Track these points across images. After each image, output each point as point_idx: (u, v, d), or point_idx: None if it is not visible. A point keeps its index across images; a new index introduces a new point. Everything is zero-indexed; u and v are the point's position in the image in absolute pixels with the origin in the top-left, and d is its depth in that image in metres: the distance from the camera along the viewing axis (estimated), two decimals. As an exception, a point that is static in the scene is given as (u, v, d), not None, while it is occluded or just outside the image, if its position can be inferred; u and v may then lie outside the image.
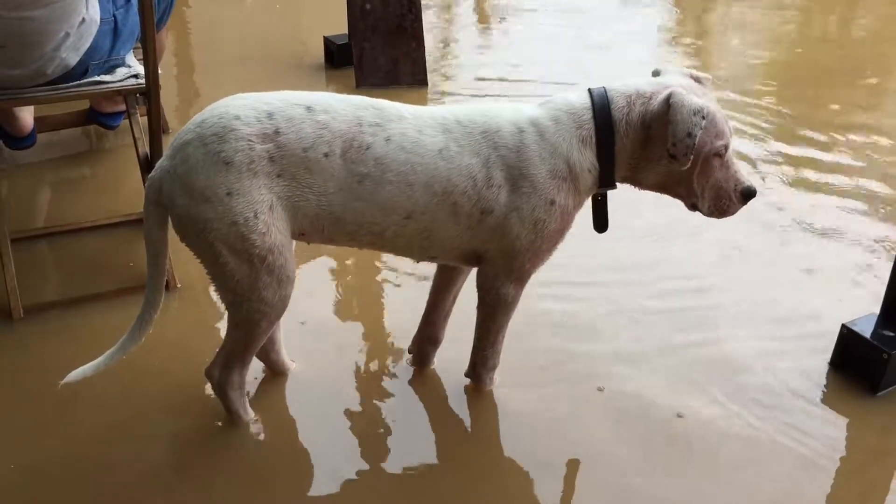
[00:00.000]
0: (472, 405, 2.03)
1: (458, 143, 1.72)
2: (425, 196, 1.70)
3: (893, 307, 2.11)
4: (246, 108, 1.64)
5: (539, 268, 1.86)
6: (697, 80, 1.80)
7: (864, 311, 2.18)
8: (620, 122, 1.74)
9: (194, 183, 1.60)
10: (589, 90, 1.78)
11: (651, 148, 1.74)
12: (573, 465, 1.87)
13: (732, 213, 1.81)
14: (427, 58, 3.92)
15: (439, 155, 1.70)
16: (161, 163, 1.67)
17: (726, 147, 1.74)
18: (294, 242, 1.76)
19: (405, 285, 2.46)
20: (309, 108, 1.65)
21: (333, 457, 1.87)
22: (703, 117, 1.66)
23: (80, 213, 2.74)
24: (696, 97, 1.69)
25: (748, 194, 1.78)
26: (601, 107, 1.74)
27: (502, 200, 1.73)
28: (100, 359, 1.79)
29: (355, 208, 1.69)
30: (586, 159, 1.75)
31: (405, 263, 2.44)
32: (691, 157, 1.67)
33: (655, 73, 1.85)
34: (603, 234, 1.89)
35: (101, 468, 1.83)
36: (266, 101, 1.66)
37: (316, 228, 1.71)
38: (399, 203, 1.69)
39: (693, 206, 1.82)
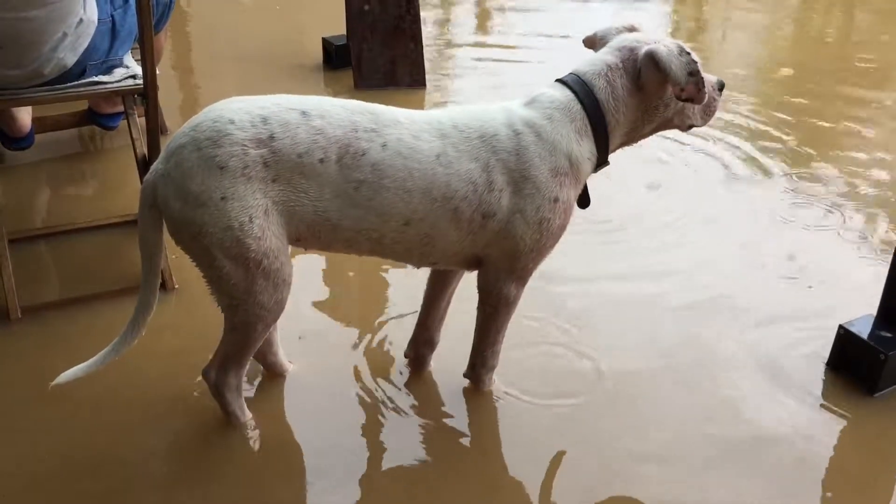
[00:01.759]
0: (471, 406, 2.02)
1: (455, 148, 1.71)
2: (424, 202, 1.69)
3: (891, 308, 2.11)
4: (241, 112, 1.63)
5: (540, 265, 1.86)
6: (634, 29, 1.86)
7: (861, 311, 2.18)
8: (608, 102, 1.77)
9: (189, 187, 1.60)
10: (562, 82, 1.80)
11: (650, 107, 1.80)
12: (574, 467, 1.87)
13: (717, 107, 1.91)
14: (425, 58, 3.92)
15: (437, 161, 1.69)
16: (156, 166, 1.66)
17: (700, 64, 1.77)
18: (289, 247, 1.75)
19: (402, 288, 2.45)
20: (304, 113, 1.64)
21: (330, 459, 1.87)
22: (688, 52, 1.71)
23: (78, 213, 2.74)
24: (666, 42, 1.74)
25: (723, 86, 1.90)
26: (586, 94, 1.76)
27: (505, 204, 1.73)
28: (92, 360, 1.78)
29: (352, 215, 1.68)
30: (585, 149, 1.77)
31: (402, 266, 2.44)
32: (704, 88, 1.71)
33: (590, 41, 1.90)
34: (585, 209, 1.90)
35: (98, 469, 1.83)
36: (261, 106, 1.65)
37: (313, 234, 1.71)
38: (397, 209, 1.69)
39: (690, 127, 1.89)
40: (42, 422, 1.96)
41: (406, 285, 2.45)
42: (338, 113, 1.67)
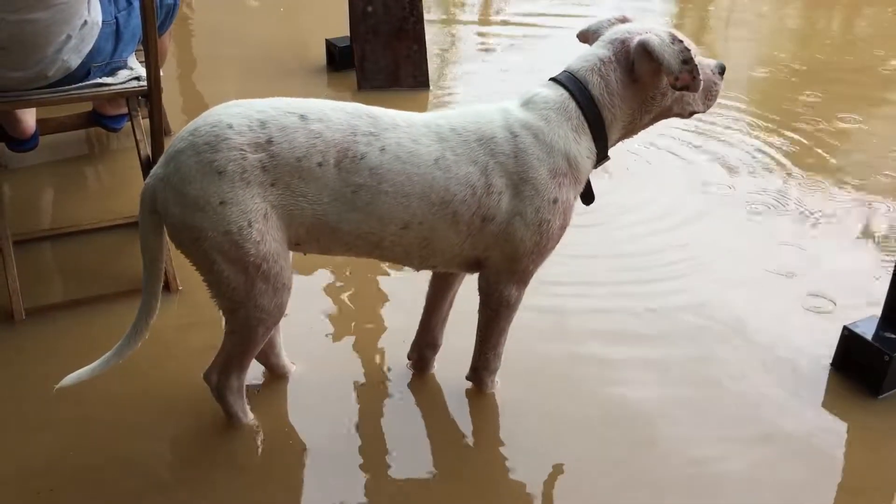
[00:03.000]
0: (474, 408, 2.02)
1: (454, 151, 1.71)
2: (423, 206, 1.69)
3: (895, 309, 2.10)
4: (239, 116, 1.62)
5: (540, 266, 1.86)
6: (626, 20, 1.84)
7: (866, 312, 2.18)
8: (603, 97, 1.75)
9: (187, 192, 1.60)
10: (556, 80, 1.79)
11: (646, 98, 1.78)
12: (578, 471, 1.86)
13: (719, 91, 1.88)
14: (428, 59, 3.92)
15: (435, 165, 1.69)
16: (155, 170, 1.66)
17: (694, 52, 1.75)
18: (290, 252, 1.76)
19: (404, 290, 2.45)
20: (303, 117, 1.64)
21: (333, 461, 1.87)
22: (681, 41, 1.69)
23: (82, 214, 2.75)
24: (658, 31, 1.73)
25: (723, 69, 1.86)
26: (580, 91, 1.75)
27: (504, 206, 1.73)
28: (96, 363, 1.79)
29: (351, 218, 1.68)
30: (584, 147, 1.76)
31: (404, 268, 2.44)
32: (699, 76, 1.69)
33: (584, 36, 1.88)
34: (589, 205, 1.89)
35: (101, 470, 1.83)
36: (259, 110, 1.64)
37: (312, 238, 1.71)
38: (396, 213, 1.69)
39: (691, 114, 1.87)
40: (45, 422, 1.96)
41: (409, 288, 2.45)
42: (336, 116, 1.67)
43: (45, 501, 1.77)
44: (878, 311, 2.14)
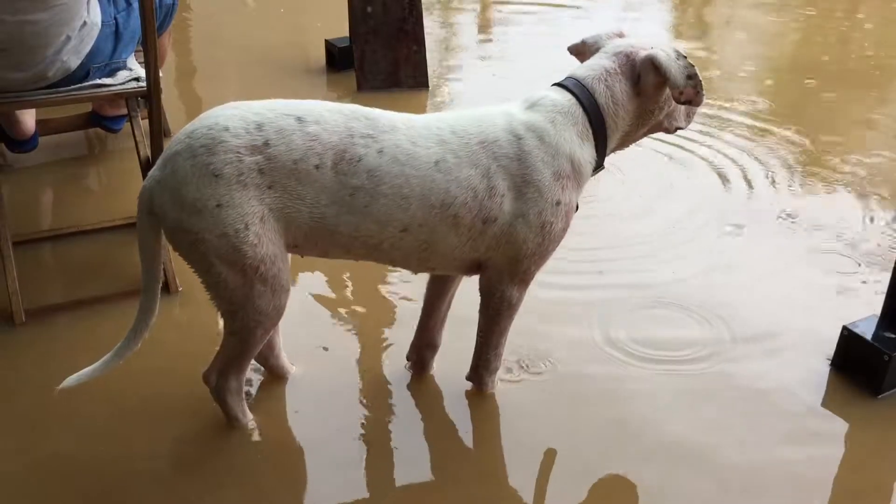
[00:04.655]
0: (474, 408, 2.02)
1: (455, 154, 1.71)
2: (422, 209, 1.69)
3: (895, 309, 2.10)
4: (235, 118, 1.62)
5: (542, 267, 1.86)
6: (622, 35, 1.88)
7: (865, 312, 2.18)
8: (608, 106, 1.78)
9: (184, 195, 1.60)
10: (562, 86, 1.80)
11: (645, 111, 1.82)
12: (580, 471, 1.86)
13: (696, 111, 1.92)
14: (428, 60, 3.93)
15: (436, 167, 1.69)
16: (153, 172, 1.67)
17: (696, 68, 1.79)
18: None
19: (404, 291, 2.45)
20: (300, 119, 1.64)
21: (332, 462, 1.87)
22: (685, 56, 1.73)
23: (82, 215, 2.75)
24: (663, 46, 1.76)
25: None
26: (586, 98, 1.77)
27: (507, 209, 1.73)
28: (96, 364, 1.79)
29: (349, 221, 1.67)
30: (587, 153, 1.78)
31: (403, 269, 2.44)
32: (702, 91, 1.73)
33: (578, 49, 1.90)
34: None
35: (102, 470, 1.83)
36: (256, 112, 1.64)
37: (310, 241, 1.71)
38: (395, 216, 1.68)
39: (676, 129, 1.92)
40: (45, 424, 1.96)
41: (408, 288, 2.45)
42: (334, 118, 1.66)
43: (45, 500, 1.78)
44: (878, 311, 2.14)
